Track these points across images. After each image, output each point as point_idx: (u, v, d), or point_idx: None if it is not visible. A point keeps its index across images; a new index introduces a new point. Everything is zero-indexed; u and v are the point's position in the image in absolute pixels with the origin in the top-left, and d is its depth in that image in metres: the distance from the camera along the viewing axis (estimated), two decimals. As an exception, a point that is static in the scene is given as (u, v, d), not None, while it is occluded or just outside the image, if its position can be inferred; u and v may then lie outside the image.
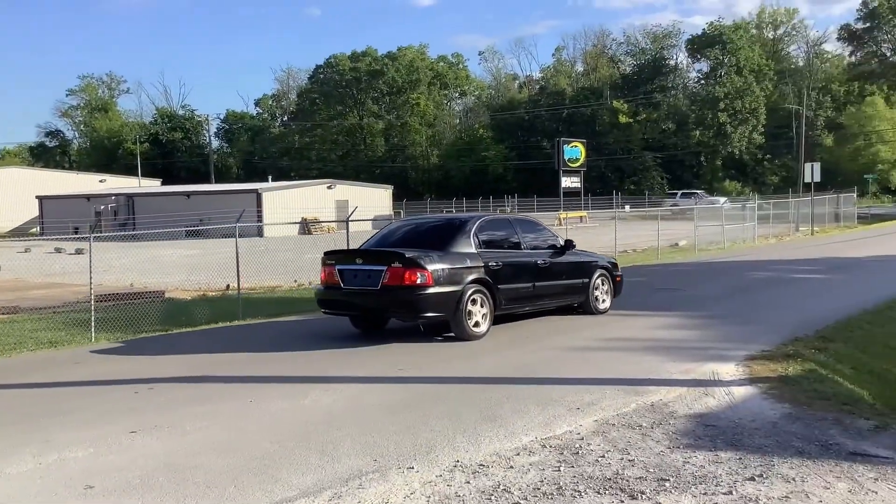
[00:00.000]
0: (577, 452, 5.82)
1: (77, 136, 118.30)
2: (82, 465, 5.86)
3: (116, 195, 60.49)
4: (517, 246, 11.82)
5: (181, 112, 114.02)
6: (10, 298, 17.71)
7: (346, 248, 13.65)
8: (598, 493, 5.02)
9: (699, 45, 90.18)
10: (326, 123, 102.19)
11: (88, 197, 61.12)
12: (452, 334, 10.70)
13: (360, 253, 11.14)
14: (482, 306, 10.75)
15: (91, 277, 12.72)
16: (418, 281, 10.17)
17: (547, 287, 11.97)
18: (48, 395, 8.27)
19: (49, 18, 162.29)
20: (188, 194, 56.89)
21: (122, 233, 34.17)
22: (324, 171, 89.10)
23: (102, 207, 57.39)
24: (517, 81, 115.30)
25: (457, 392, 7.79)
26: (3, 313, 15.13)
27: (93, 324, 12.09)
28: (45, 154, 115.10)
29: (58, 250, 34.32)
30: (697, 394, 7.50)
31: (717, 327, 11.55)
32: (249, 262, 18.31)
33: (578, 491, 5.05)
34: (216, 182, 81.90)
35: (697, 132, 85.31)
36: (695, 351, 9.64)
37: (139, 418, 7.08)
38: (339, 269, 10.86)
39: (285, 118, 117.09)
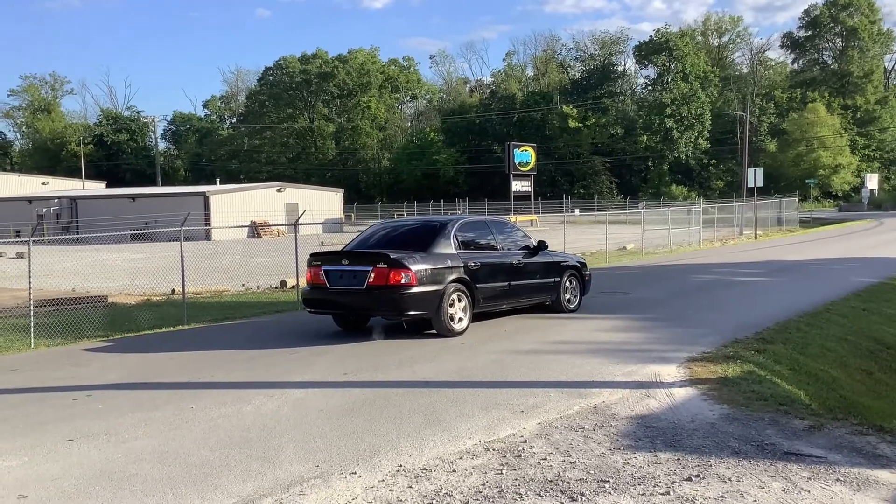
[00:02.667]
0: (520, 455, 5.86)
1: (19, 137, 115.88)
2: (16, 474, 5.73)
3: (59, 198, 59.22)
4: (493, 247, 12.35)
5: (127, 113, 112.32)
6: (-55, 304, 17.19)
7: (328, 249, 14.27)
8: (539, 495, 5.06)
9: (646, 51, 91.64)
10: (276, 126, 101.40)
11: (30, 199, 59.77)
12: (434, 331, 11.19)
13: (345, 254, 11.50)
14: (462, 304, 11.27)
15: (30, 282, 12.44)
16: (402, 281, 10.61)
17: (522, 286, 12.48)
18: None
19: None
20: (133, 197, 55.99)
21: (65, 236, 33.47)
22: (273, 174, 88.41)
23: (45, 210, 56.15)
24: (468, 85, 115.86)
25: (402, 396, 7.78)
26: (-63, 319, 14.67)
27: (32, 329, 11.81)
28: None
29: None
30: (639, 395, 7.61)
31: (660, 329, 11.73)
32: (196, 267, 18.08)
33: (520, 493, 5.08)
34: (163, 185, 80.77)
35: (645, 137, 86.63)
36: (638, 353, 9.77)
37: (76, 426, 6.94)
38: (325, 270, 11.23)
39: (234, 120, 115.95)
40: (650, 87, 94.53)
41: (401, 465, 5.68)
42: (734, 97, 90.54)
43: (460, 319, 11.25)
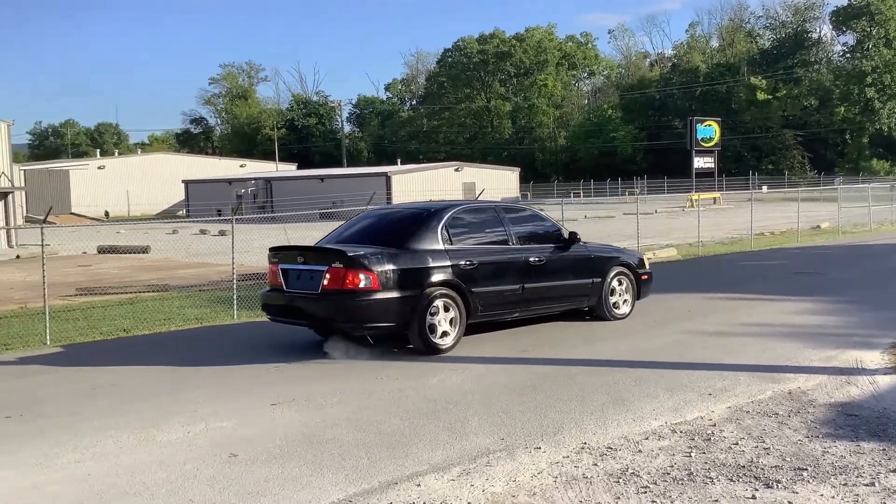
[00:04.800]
0: (709, 439, 5.70)
1: (219, 122, 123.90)
2: (227, 434, 6.21)
3: (255, 179, 63.12)
4: (503, 241, 10.01)
5: (315, 98, 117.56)
6: (160, 277, 18.89)
7: (292, 243, 12.00)
8: (731, 480, 4.91)
9: (845, 16, 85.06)
10: (454, 106, 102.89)
11: (230, 181, 64.01)
12: (412, 346, 9.16)
13: (302, 250, 9.65)
14: (448, 314, 9.12)
15: (233, 257, 13.36)
16: (361, 284, 8.65)
17: (542, 289, 10.14)
18: (194, 369, 8.76)
19: (191, 8, 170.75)
20: (322, 178, 58.72)
21: (262, 215, 35.77)
22: (451, 154, 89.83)
23: (243, 191, 60.01)
24: (648, 59, 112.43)
25: (583, 374, 7.77)
26: (154, 291, 16.13)
27: (235, 302, 12.68)
28: (190, 140, 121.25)
29: (202, 232, 36.15)
30: (839, 382, 7.19)
31: (860, 313, 10.97)
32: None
33: (710, 477, 4.95)
34: (348, 166, 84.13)
35: (842, 108, 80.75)
36: (836, 338, 9.21)
37: (278, 392, 7.43)
38: (282, 269, 9.45)
39: (414, 102, 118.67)
40: (848, 55, 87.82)
41: (585, 443, 5.68)
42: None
43: (445, 333, 9.05)
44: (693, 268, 18.08)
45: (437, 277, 9.09)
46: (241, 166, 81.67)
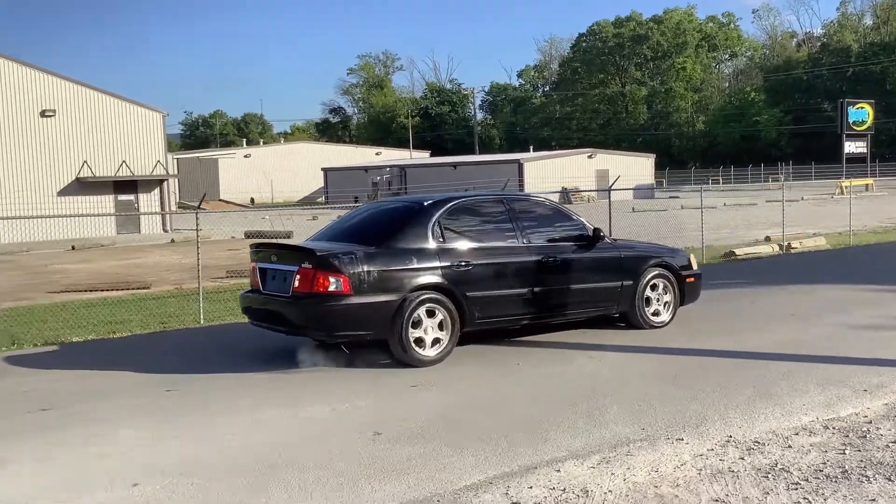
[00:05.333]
0: (865, 436, 5.43)
1: (356, 111, 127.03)
2: (370, 413, 6.42)
3: (390, 167, 64.41)
4: (511, 238, 8.83)
5: (448, 86, 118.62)
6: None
7: (271, 241, 10.89)
8: (889, 479, 4.66)
9: None
10: (588, 92, 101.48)
11: (366, 169, 65.57)
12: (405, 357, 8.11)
13: (276, 248, 9.06)
14: (436, 320, 8.09)
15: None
16: (331, 287, 7.77)
17: (557, 293, 8.99)
18: (335, 349, 9.04)
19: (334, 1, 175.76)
20: (455, 165, 59.25)
21: (396, 202, 36.38)
22: (584, 141, 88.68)
23: (378, 178, 61.36)
24: (795, 39, 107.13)
25: (726, 366, 7.55)
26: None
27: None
28: (329, 129, 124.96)
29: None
30: None
31: None
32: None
33: (866, 476, 4.72)
34: (480, 153, 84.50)
35: None
36: None
37: (419, 374, 7.61)
38: (259, 268, 8.67)
39: (547, 88, 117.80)
40: None
41: (730, 436, 5.53)
42: None
43: (434, 342, 8.04)
44: (843, 258, 17.18)
45: (422, 280, 8.07)
46: (377, 154, 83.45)
